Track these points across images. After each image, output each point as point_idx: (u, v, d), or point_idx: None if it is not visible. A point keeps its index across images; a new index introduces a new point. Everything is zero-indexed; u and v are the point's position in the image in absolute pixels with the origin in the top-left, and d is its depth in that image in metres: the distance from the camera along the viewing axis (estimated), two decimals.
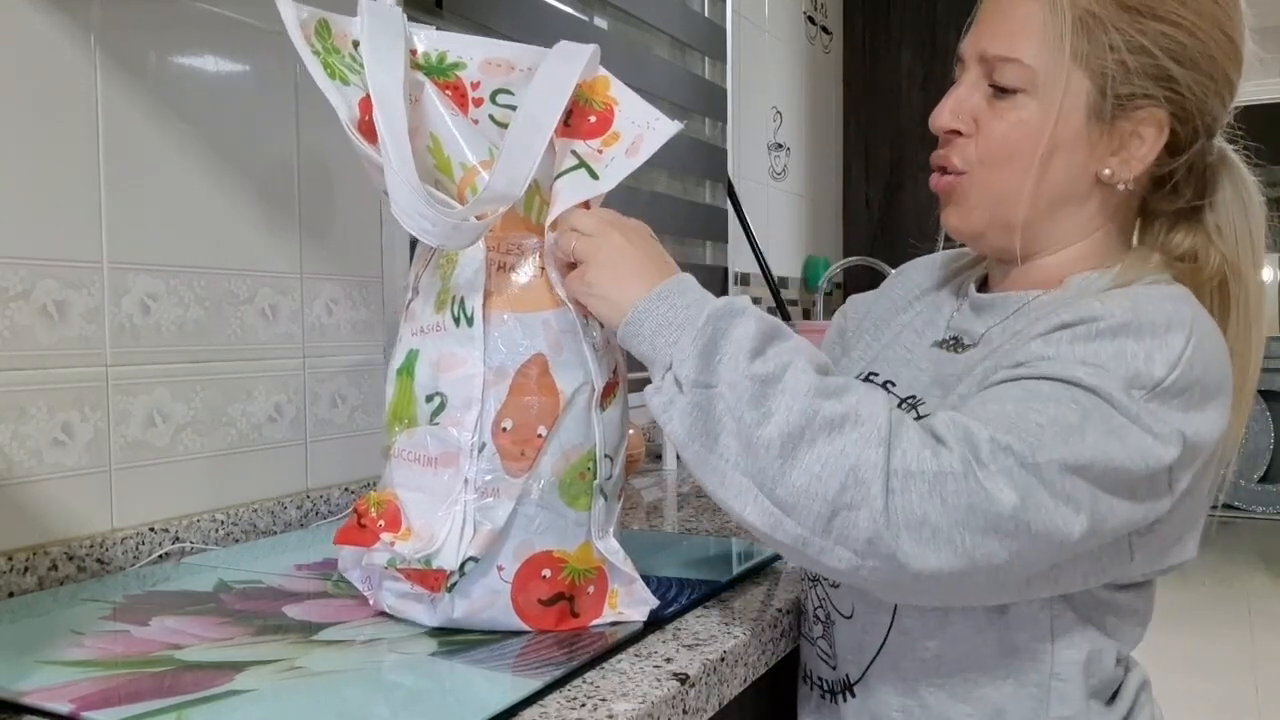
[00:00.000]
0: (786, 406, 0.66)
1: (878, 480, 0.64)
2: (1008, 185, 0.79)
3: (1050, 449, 0.65)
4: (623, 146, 0.79)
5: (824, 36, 2.99)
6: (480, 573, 0.76)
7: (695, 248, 2.29)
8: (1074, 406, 0.67)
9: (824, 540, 0.66)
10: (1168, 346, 0.69)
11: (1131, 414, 0.67)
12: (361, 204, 1.33)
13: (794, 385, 0.67)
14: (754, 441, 0.66)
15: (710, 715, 0.74)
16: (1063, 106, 0.76)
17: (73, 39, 0.98)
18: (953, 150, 0.81)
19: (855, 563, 0.66)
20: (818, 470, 0.65)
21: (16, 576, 0.92)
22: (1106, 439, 0.66)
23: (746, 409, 0.67)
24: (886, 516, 0.64)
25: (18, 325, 0.93)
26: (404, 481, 0.78)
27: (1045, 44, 0.75)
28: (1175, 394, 0.68)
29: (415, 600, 0.78)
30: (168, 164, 1.08)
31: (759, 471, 0.66)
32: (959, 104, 0.80)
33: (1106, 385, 0.67)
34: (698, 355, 0.69)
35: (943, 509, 0.64)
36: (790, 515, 0.66)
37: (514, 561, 0.77)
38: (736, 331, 0.69)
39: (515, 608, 0.77)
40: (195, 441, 1.11)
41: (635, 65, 1.99)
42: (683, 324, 0.71)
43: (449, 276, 0.78)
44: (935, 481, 0.64)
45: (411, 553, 0.74)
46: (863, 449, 0.64)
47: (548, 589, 0.78)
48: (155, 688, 0.66)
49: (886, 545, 0.64)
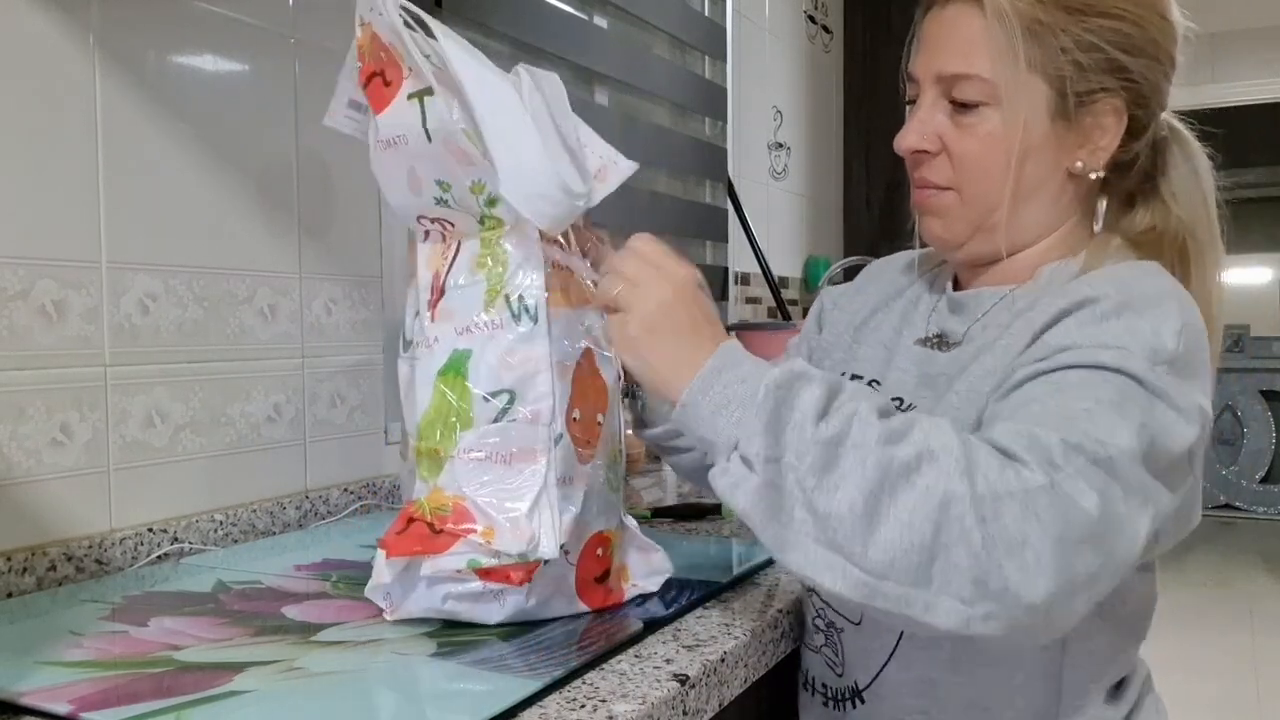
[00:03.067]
0: (860, 463, 0.63)
1: (969, 513, 0.60)
2: (989, 196, 0.80)
3: (1112, 440, 0.64)
4: (590, 171, 0.84)
5: (824, 36, 2.98)
6: (556, 560, 0.78)
7: (695, 248, 2.29)
8: (1109, 388, 0.66)
9: (927, 594, 0.61)
10: (1168, 318, 0.70)
11: (1159, 390, 0.67)
12: (361, 204, 1.33)
13: (861, 439, 0.63)
14: (831, 510, 0.63)
15: (710, 716, 0.74)
16: (1027, 114, 0.77)
17: (73, 39, 0.98)
18: (928, 170, 0.82)
19: (965, 612, 0.61)
20: (906, 519, 0.61)
21: (15, 577, 0.92)
22: (1147, 421, 0.65)
23: (817, 478, 0.63)
24: (986, 549, 0.60)
25: (16, 325, 0.93)
26: (474, 480, 0.77)
27: (999, 57, 0.77)
28: (1184, 364, 0.69)
29: (478, 600, 0.78)
30: (167, 164, 1.07)
31: (845, 539, 0.62)
32: (923, 125, 0.81)
33: (1130, 365, 0.67)
34: (763, 431, 0.65)
35: (1040, 527, 0.60)
36: (887, 577, 0.62)
37: (577, 544, 0.80)
38: (801, 398, 0.66)
39: (577, 589, 0.81)
40: (194, 442, 1.11)
41: (635, 65, 1.99)
42: (743, 400, 0.67)
43: (500, 275, 0.79)
44: (1026, 500, 0.60)
45: (512, 548, 0.74)
46: (947, 484, 0.61)
47: (599, 567, 0.82)
48: (154, 688, 0.66)
49: (995, 580, 0.60)
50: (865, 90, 3.11)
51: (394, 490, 1.34)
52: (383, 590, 0.81)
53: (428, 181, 0.80)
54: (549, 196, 0.75)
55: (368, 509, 1.30)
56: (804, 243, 2.84)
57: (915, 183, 0.85)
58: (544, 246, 0.80)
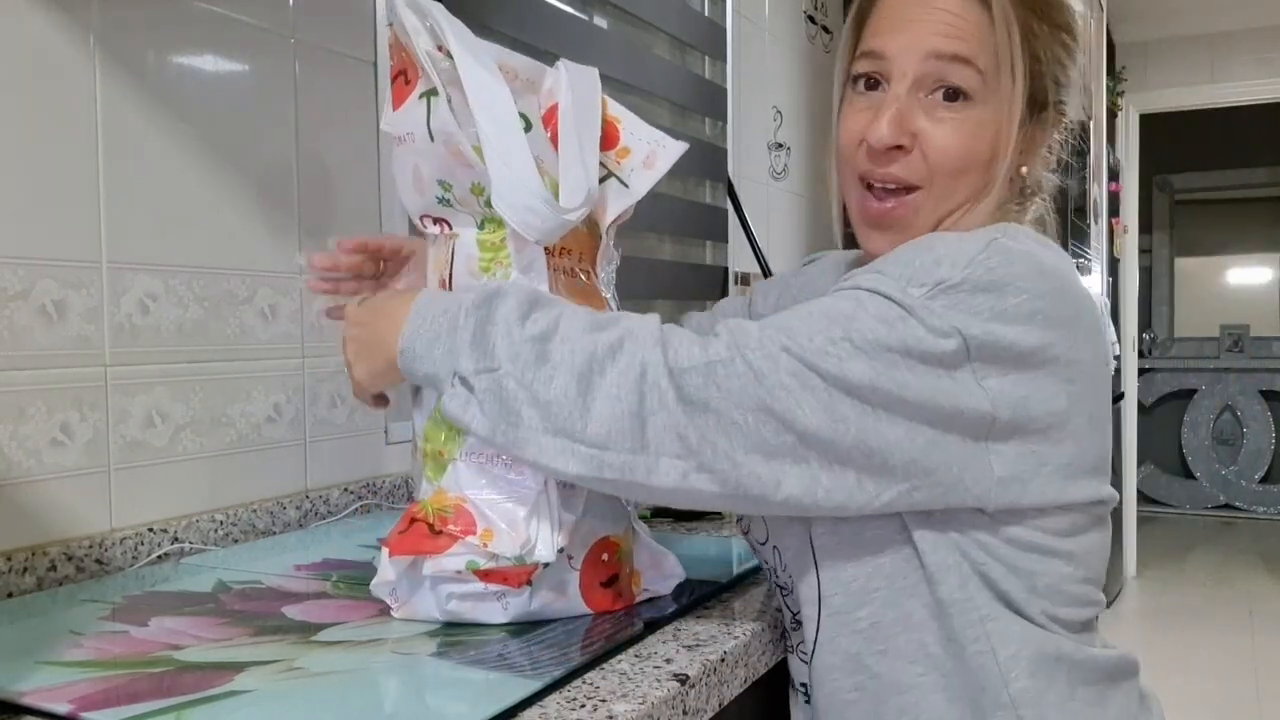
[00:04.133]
0: (570, 351, 0.68)
1: (664, 377, 0.66)
2: (956, 196, 0.79)
3: (818, 331, 0.67)
4: (638, 160, 0.85)
5: (824, 36, 2.98)
6: (556, 564, 0.78)
7: (695, 248, 2.29)
8: (849, 300, 0.69)
9: (646, 457, 0.67)
10: (959, 251, 0.69)
11: (906, 305, 0.67)
12: (361, 204, 1.33)
13: (569, 331, 0.70)
14: (551, 398, 0.68)
15: (710, 716, 0.74)
16: (1010, 114, 0.77)
17: (73, 39, 0.98)
18: (899, 168, 0.78)
19: (681, 467, 0.67)
20: (615, 392, 0.67)
21: (15, 577, 0.92)
22: (874, 323, 0.67)
23: (534, 371, 0.68)
24: (681, 408, 0.66)
25: (17, 325, 0.93)
26: (476, 483, 0.78)
27: (995, 52, 0.76)
28: (971, 292, 0.67)
29: (480, 600, 0.78)
30: (167, 164, 1.08)
31: (565, 422, 0.68)
32: (901, 116, 0.77)
33: (882, 286, 0.69)
34: (470, 346, 0.70)
35: (719, 393, 0.66)
36: (608, 448, 0.67)
37: (581, 549, 0.80)
38: (500, 310, 0.71)
39: (582, 593, 0.81)
40: (194, 442, 1.11)
41: (635, 65, 1.99)
42: (448, 328, 0.72)
43: (503, 279, 0.80)
44: (707, 370, 0.66)
45: (509, 551, 0.75)
46: (644, 355, 0.67)
47: (606, 572, 0.82)
48: (154, 688, 0.66)
49: (693, 436, 0.66)
50: None
51: (394, 490, 1.34)
52: (389, 587, 0.81)
53: (430, 181, 0.80)
54: (537, 210, 0.75)
55: (368, 509, 1.30)
56: (804, 243, 2.84)
57: (876, 180, 0.80)
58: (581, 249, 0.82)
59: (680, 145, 0.85)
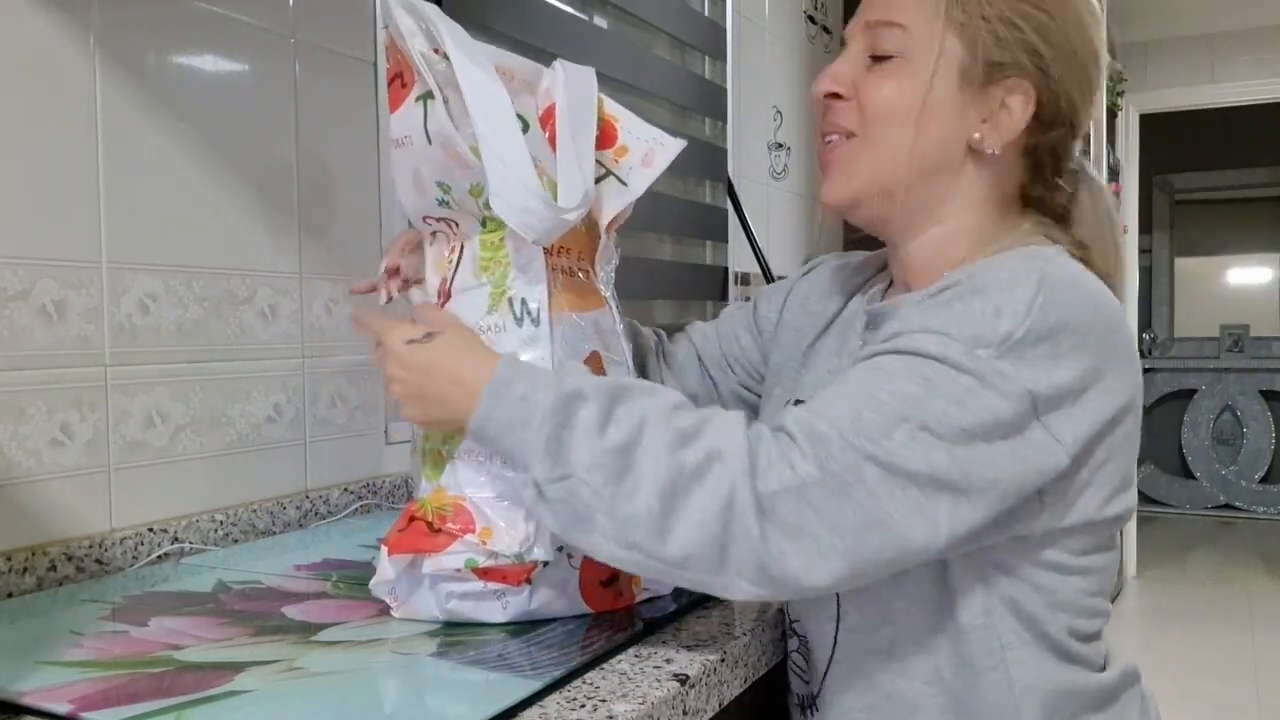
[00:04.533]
0: (654, 468, 0.67)
1: (749, 508, 0.65)
2: (888, 148, 0.81)
3: (895, 425, 0.66)
4: (636, 158, 0.85)
5: (824, 36, 2.98)
6: (555, 563, 0.78)
7: (695, 248, 2.29)
8: (917, 380, 0.67)
9: (723, 578, 0.67)
10: (1014, 299, 0.69)
11: (977, 374, 0.67)
12: (361, 204, 1.33)
13: (652, 444, 0.68)
14: (630, 515, 0.67)
15: (710, 716, 0.74)
16: (937, 67, 0.79)
17: (73, 39, 0.98)
18: (836, 114, 0.83)
19: (757, 591, 0.68)
20: (698, 519, 0.66)
21: (15, 577, 0.92)
22: (948, 406, 0.66)
23: (613, 486, 0.67)
24: (765, 542, 0.65)
25: (17, 325, 0.93)
26: (474, 481, 0.78)
27: (922, 9, 0.79)
28: (1031, 343, 0.68)
29: (480, 599, 0.78)
30: (167, 164, 1.08)
31: (643, 539, 0.67)
32: (838, 71, 0.83)
33: (949, 352, 0.68)
34: (543, 454, 0.69)
35: (816, 516, 0.65)
36: (686, 568, 0.68)
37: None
38: (579, 416, 0.69)
39: (582, 592, 0.81)
40: (194, 442, 1.11)
41: (635, 65, 1.99)
42: (523, 422, 0.70)
43: (501, 278, 0.79)
44: (799, 493, 0.65)
45: (507, 549, 0.75)
46: (732, 482, 0.66)
47: (606, 571, 0.81)
48: (154, 688, 0.66)
49: (775, 567, 0.66)
50: None
51: (394, 490, 1.34)
52: (388, 586, 0.81)
53: (430, 183, 0.80)
54: (535, 211, 0.75)
55: (368, 509, 1.30)
56: (804, 243, 2.84)
57: (821, 131, 0.85)
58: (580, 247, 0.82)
59: (678, 143, 0.85)
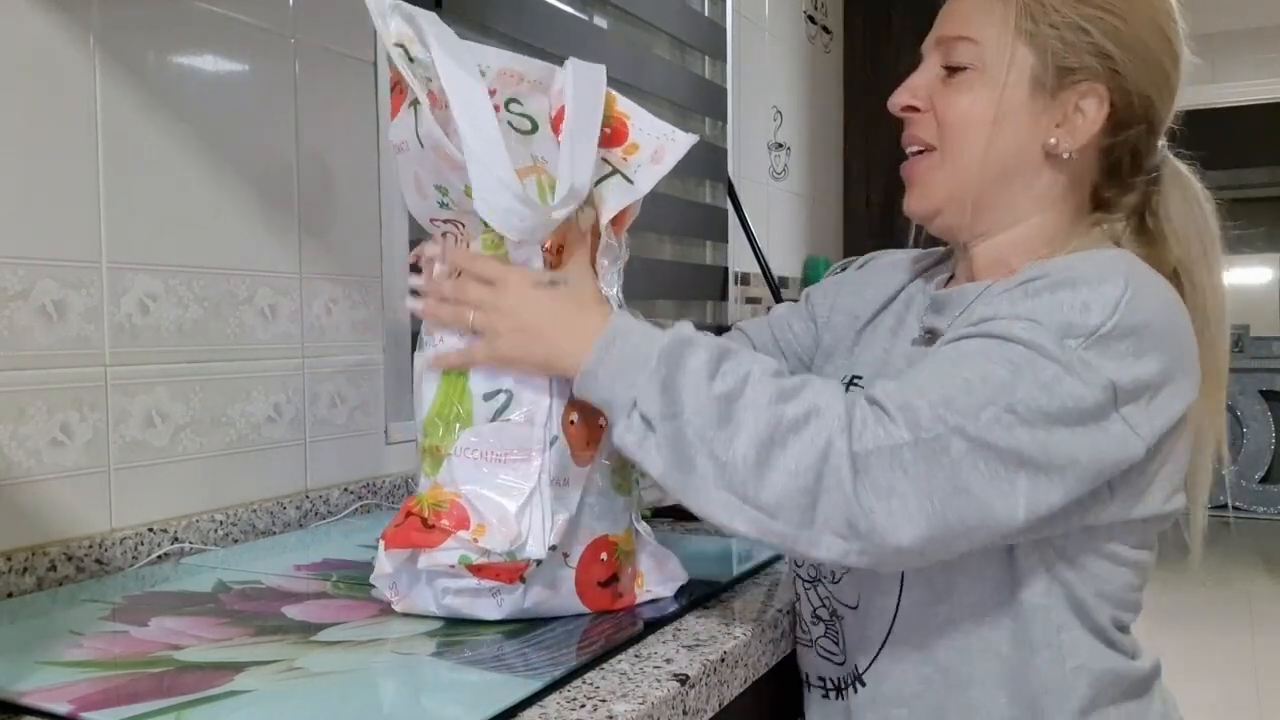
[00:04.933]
0: (753, 419, 0.70)
1: (845, 463, 0.67)
2: (965, 157, 0.84)
3: (984, 404, 0.68)
4: (645, 155, 0.85)
5: (824, 36, 2.98)
6: (550, 561, 0.78)
7: (695, 248, 2.29)
8: (1005, 364, 0.70)
9: (811, 532, 0.69)
10: (1103, 295, 0.71)
11: (1064, 362, 0.69)
12: (361, 204, 1.33)
13: (754, 397, 0.71)
14: (729, 459, 0.70)
15: (710, 716, 0.74)
16: (1009, 76, 0.81)
17: (73, 39, 0.98)
18: (915, 127, 0.86)
19: (843, 547, 0.69)
20: (793, 468, 0.68)
21: (15, 577, 0.92)
22: (1036, 391, 0.69)
23: (715, 430, 0.70)
24: (857, 496, 0.67)
25: (17, 325, 0.93)
26: (470, 478, 0.78)
27: (992, 22, 0.82)
28: (1117, 339, 0.70)
29: (476, 595, 0.78)
30: (167, 164, 1.08)
31: (739, 485, 0.70)
32: (914, 85, 0.87)
33: (1039, 339, 0.70)
34: (659, 392, 0.72)
35: (906, 477, 0.67)
36: (776, 517, 0.69)
37: (577, 547, 0.81)
38: (690, 361, 0.73)
39: (578, 591, 0.81)
40: (194, 442, 1.11)
41: (635, 65, 1.99)
42: (638, 364, 0.73)
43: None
44: (893, 454, 0.67)
45: (499, 546, 0.75)
46: (828, 437, 0.68)
47: (604, 571, 0.82)
48: (154, 688, 0.66)
49: (864, 523, 0.67)
50: (865, 90, 3.11)
51: (394, 490, 1.34)
52: (388, 580, 0.82)
53: (429, 186, 0.80)
54: (516, 210, 0.75)
55: (368, 509, 1.30)
56: (804, 243, 2.84)
57: (904, 144, 0.88)
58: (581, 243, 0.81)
59: (689, 138, 0.86)
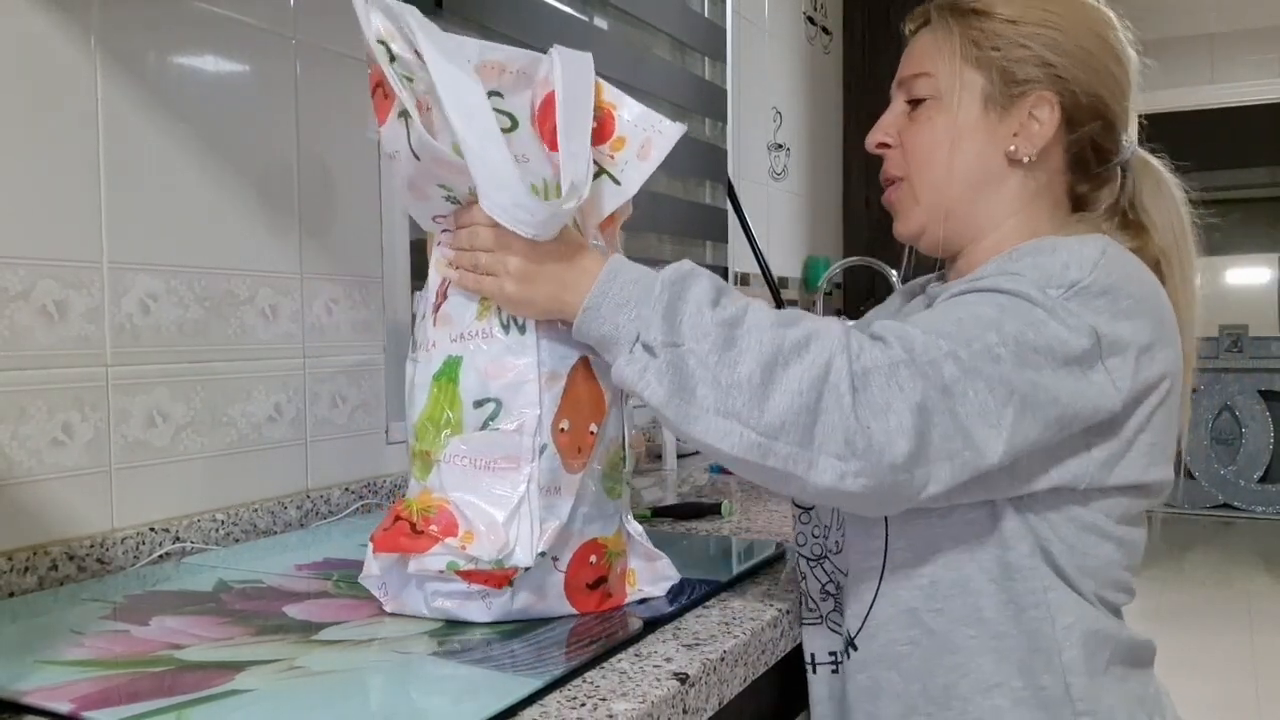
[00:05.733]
0: (757, 341, 0.72)
1: (844, 380, 0.70)
2: (933, 177, 0.90)
3: (976, 340, 0.73)
4: (632, 150, 0.84)
5: (824, 36, 2.98)
6: (539, 566, 0.78)
7: (695, 248, 2.29)
8: (993, 305, 0.75)
9: (810, 452, 0.70)
10: (1081, 255, 0.77)
11: (1047, 307, 0.74)
12: (361, 204, 1.33)
13: (756, 322, 0.73)
14: (733, 382, 0.71)
15: (710, 715, 0.74)
16: (961, 99, 0.88)
17: (73, 39, 0.98)
18: (888, 164, 0.94)
19: (840, 468, 0.70)
20: (795, 386, 0.70)
21: (17, 576, 0.92)
22: (1023, 327, 0.74)
23: (718, 354, 0.72)
24: (855, 412, 0.69)
25: (18, 325, 0.93)
26: (459, 485, 0.78)
27: (942, 56, 0.90)
28: (1095, 294, 0.75)
29: (465, 598, 0.79)
30: (168, 164, 1.08)
31: (741, 407, 0.71)
32: (884, 124, 0.94)
33: (1022, 287, 0.75)
34: (661, 319, 0.73)
35: (901, 394, 0.70)
36: (777, 438, 0.70)
37: (567, 552, 0.80)
38: (692, 290, 0.74)
39: (567, 595, 0.81)
40: (195, 441, 1.11)
41: (635, 65, 1.99)
42: (639, 298, 0.75)
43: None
44: (890, 371, 0.71)
45: (486, 555, 0.75)
46: (829, 357, 0.71)
47: (593, 574, 0.82)
48: (155, 688, 0.66)
49: (861, 439, 0.69)
50: (865, 91, 3.11)
51: (394, 490, 1.35)
52: (377, 581, 0.82)
53: (430, 188, 0.80)
54: (526, 206, 0.74)
55: (369, 509, 1.30)
56: (804, 243, 2.84)
57: (881, 179, 0.95)
58: None
59: (677, 128, 0.85)
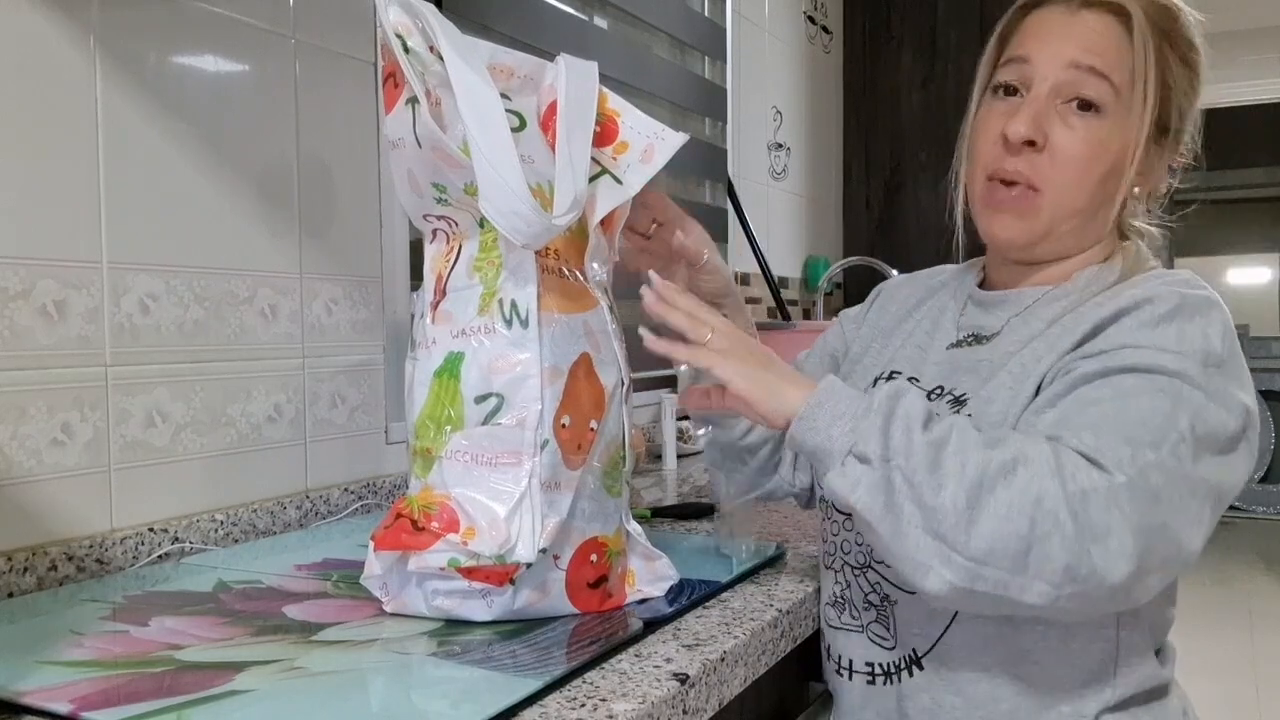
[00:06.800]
0: (961, 464, 0.71)
1: (1062, 507, 0.68)
2: (1073, 201, 0.84)
3: (1162, 439, 0.72)
4: (635, 154, 0.85)
5: (824, 36, 2.98)
6: (540, 563, 0.78)
7: None
8: (1164, 396, 0.73)
9: (1023, 578, 0.69)
10: (1214, 322, 0.77)
11: (1206, 390, 0.74)
12: (361, 204, 1.33)
13: (962, 444, 0.72)
14: (938, 505, 0.70)
15: (710, 715, 0.74)
16: (1136, 132, 0.83)
17: (73, 39, 0.98)
18: (1025, 164, 0.84)
19: (1054, 594, 0.70)
20: (1004, 512, 0.69)
21: (16, 576, 0.92)
22: (1193, 419, 0.73)
23: (924, 475, 0.71)
24: (1077, 538, 0.68)
25: (17, 325, 0.93)
26: (460, 481, 0.78)
27: (1125, 65, 0.82)
28: (1228, 364, 0.76)
29: (466, 597, 0.79)
30: (168, 164, 1.08)
31: (949, 530, 0.70)
32: (1039, 116, 0.83)
33: (1186, 368, 0.74)
34: (879, 434, 0.73)
35: (1122, 518, 0.69)
36: (986, 564, 0.70)
37: (568, 550, 0.80)
38: (903, 409, 0.74)
39: (568, 593, 0.81)
40: (195, 441, 1.11)
41: (635, 65, 1.99)
42: (856, 413, 0.75)
43: (492, 279, 0.79)
44: (1110, 495, 0.69)
45: (488, 550, 0.75)
46: (1041, 482, 0.69)
47: (594, 573, 0.82)
48: (155, 688, 0.66)
49: (1084, 565, 0.68)
50: (865, 90, 3.11)
51: (394, 490, 1.34)
52: (378, 581, 0.82)
53: (424, 184, 0.80)
54: (523, 215, 0.74)
55: (368, 509, 1.30)
56: (803, 243, 2.84)
57: (998, 175, 0.86)
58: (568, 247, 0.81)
59: (679, 137, 0.86)
